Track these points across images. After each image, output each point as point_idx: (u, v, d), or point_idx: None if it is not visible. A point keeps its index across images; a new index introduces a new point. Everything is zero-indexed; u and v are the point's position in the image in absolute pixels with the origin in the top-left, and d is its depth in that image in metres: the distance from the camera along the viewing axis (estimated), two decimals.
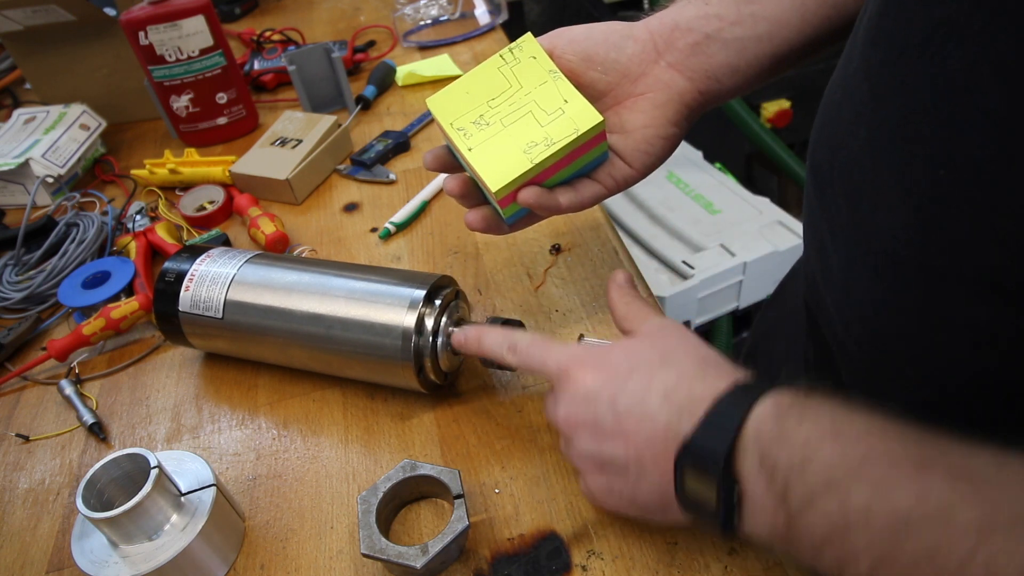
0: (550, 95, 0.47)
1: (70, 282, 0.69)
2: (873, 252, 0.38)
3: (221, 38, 0.90)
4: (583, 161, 0.48)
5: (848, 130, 0.38)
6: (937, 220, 0.33)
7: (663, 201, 1.47)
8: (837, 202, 0.41)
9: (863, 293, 0.40)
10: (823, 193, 0.43)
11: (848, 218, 0.40)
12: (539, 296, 0.63)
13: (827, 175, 0.42)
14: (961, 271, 0.33)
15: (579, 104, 0.47)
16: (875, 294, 0.39)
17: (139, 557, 0.44)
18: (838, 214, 0.41)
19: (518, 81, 0.48)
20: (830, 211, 0.42)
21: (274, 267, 0.57)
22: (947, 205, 0.32)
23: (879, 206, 0.36)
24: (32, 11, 0.88)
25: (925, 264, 0.34)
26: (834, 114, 0.41)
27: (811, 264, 0.48)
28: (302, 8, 1.31)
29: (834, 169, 0.41)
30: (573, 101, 0.47)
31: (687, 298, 1.31)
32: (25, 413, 0.62)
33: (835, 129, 0.40)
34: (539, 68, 0.48)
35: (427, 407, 0.55)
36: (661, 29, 0.49)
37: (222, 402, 0.59)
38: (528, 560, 0.44)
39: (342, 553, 0.47)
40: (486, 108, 0.48)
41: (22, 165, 0.85)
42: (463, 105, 0.48)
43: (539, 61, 0.48)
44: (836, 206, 0.41)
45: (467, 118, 0.48)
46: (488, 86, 0.48)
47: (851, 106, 0.38)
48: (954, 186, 0.31)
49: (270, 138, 0.84)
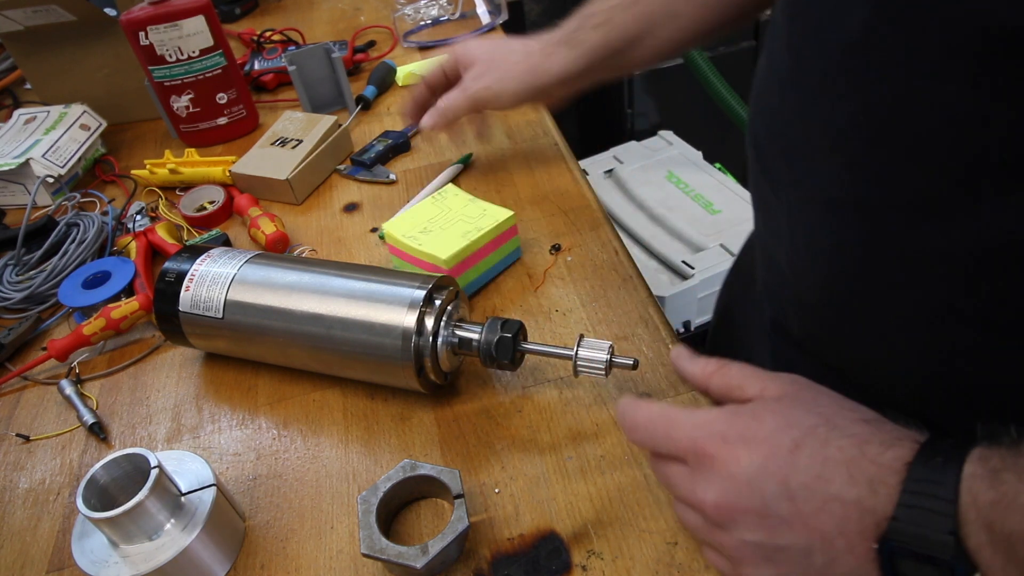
0: (472, 210, 0.65)
1: (70, 282, 0.69)
2: (813, 201, 0.41)
3: (221, 38, 0.90)
4: (501, 253, 0.65)
5: (778, 99, 0.43)
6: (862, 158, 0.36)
7: (663, 201, 1.47)
8: (776, 164, 0.45)
9: (809, 241, 0.43)
10: (763, 158, 0.46)
11: (788, 176, 0.43)
12: (539, 296, 0.63)
13: (764, 142, 0.46)
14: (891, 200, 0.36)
15: (495, 208, 0.65)
16: (820, 240, 0.41)
17: (139, 557, 0.44)
18: (778, 175, 0.45)
19: (448, 207, 0.66)
20: (771, 173, 0.45)
21: (274, 267, 0.57)
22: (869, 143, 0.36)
23: (813, 158, 0.40)
24: (32, 11, 0.88)
25: (859, 200, 0.38)
26: (765, 87, 0.45)
27: (760, 229, 0.52)
28: (302, 8, 1.31)
29: (771, 135, 0.45)
30: (490, 208, 0.65)
31: (687, 298, 1.31)
32: (25, 413, 0.62)
33: (768, 100, 0.45)
34: (461, 198, 0.67)
35: (427, 407, 0.55)
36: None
37: (222, 402, 0.59)
38: (528, 560, 0.44)
39: (342, 553, 0.47)
40: (428, 224, 0.64)
41: (22, 165, 0.85)
42: (411, 225, 0.65)
43: (460, 196, 0.67)
44: (776, 168, 0.45)
45: (415, 230, 0.64)
46: (427, 213, 0.66)
47: (778, 77, 0.43)
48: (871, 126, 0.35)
49: (270, 138, 0.84)
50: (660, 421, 0.38)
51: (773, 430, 0.35)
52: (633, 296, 0.61)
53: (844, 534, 0.32)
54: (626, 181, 1.54)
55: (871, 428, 0.34)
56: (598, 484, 0.48)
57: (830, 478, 0.32)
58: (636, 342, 0.57)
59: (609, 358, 0.49)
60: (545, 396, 0.54)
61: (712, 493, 0.35)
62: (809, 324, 0.48)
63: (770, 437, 0.35)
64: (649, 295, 0.61)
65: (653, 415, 0.39)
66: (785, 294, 0.49)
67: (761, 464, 0.34)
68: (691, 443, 0.36)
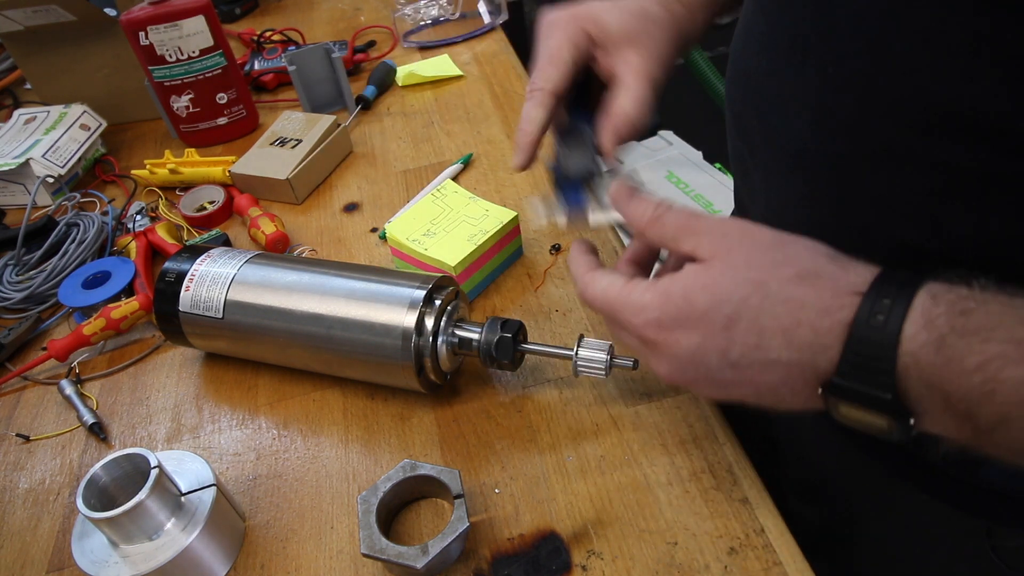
0: (474, 210, 0.65)
1: (70, 282, 0.69)
2: (786, 154, 0.43)
3: (221, 38, 0.90)
4: (505, 254, 0.65)
5: (752, 61, 0.44)
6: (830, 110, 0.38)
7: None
8: (751, 124, 0.46)
9: (783, 194, 0.45)
10: (740, 121, 0.48)
11: (762, 135, 0.45)
12: (539, 296, 0.63)
13: (740, 104, 0.47)
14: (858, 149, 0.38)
15: (497, 209, 0.65)
16: (792, 191, 0.44)
17: (139, 557, 0.44)
18: (753, 134, 0.46)
19: (449, 207, 0.65)
20: (746, 134, 0.47)
21: (274, 267, 0.57)
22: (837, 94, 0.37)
23: (786, 114, 0.42)
24: (32, 11, 0.88)
25: (828, 151, 0.39)
26: (740, 52, 0.46)
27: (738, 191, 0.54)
28: (302, 8, 1.31)
29: (746, 97, 0.46)
30: (492, 209, 0.65)
31: None
32: (25, 413, 0.62)
33: (743, 64, 0.46)
34: (461, 196, 0.66)
35: (427, 407, 0.55)
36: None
37: (222, 402, 0.59)
38: (528, 560, 0.44)
39: (342, 553, 0.47)
40: (430, 225, 0.64)
41: (22, 165, 0.85)
42: (413, 226, 0.64)
43: (459, 193, 0.67)
44: (751, 128, 0.46)
45: (418, 233, 0.63)
46: (428, 213, 0.65)
47: (753, 41, 0.44)
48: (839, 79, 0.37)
49: (270, 138, 0.84)
50: (607, 304, 0.40)
51: (706, 309, 0.36)
52: None
53: (788, 384, 0.35)
54: None
55: (806, 288, 0.34)
56: (598, 484, 0.48)
57: (768, 347, 0.34)
58: None
59: (609, 358, 0.49)
60: (545, 396, 0.54)
61: (663, 368, 0.39)
62: None
63: (704, 317, 0.36)
64: None
65: (600, 295, 0.41)
66: None
67: (699, 344, 0.36)
68: (634, 329, 0.39)
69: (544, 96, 0.47)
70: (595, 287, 0.41)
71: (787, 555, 0.43)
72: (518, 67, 0.99)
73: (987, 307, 0.30)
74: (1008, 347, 0.29)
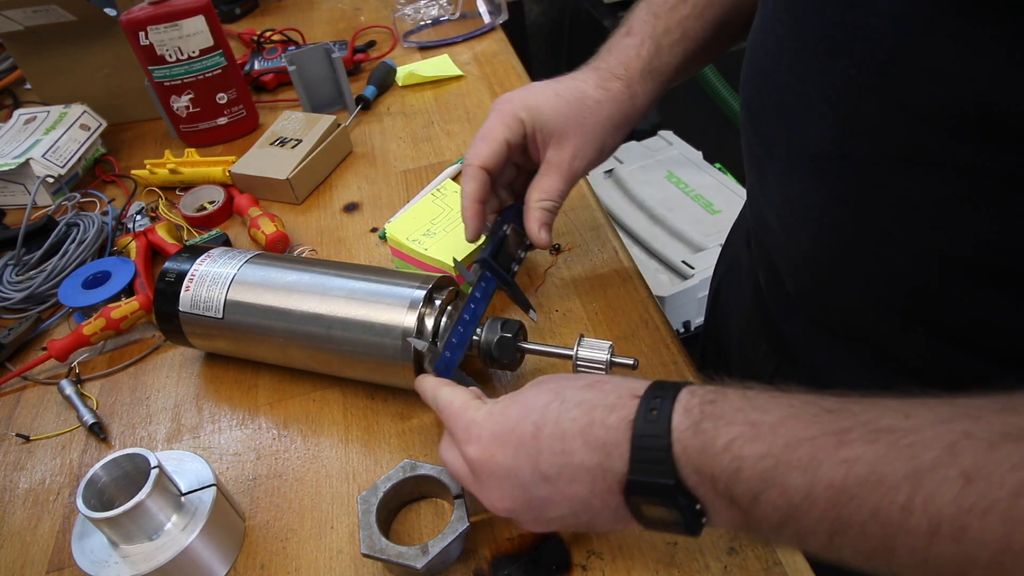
0: None
1: (70, 282, 0.69)
2: (806, 157, 0.42)
3: (221, 38, 0.90)
4: None
5: (772, 61, 0.44)
6: (855, 113, 0.38)
7: (663, 201, 1.47)
8: (770, 125, 0.46)
9: (802, 198, 0.44)
10: (757, 121, 0.48)
11: (782, 136, 0.45)
12: (539, 296, 0.63)
13: (758, 105, 0.47)
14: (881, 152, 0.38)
15: None
16: (812, 195, 0.43)
17: (139, 557, 0.44)
18: (771, 135, 0.46)
19: (449, 207, 0.66)
20: (764, 135, 0.47)
21: (274, 267, 0.57)
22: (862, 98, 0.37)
23: (807, 116, 0.41)
24: (32, 11, 0.88)
25: (850, 155, 0.39)
26: (758, 50, 0.46)
27: (753, 193, 0.53)
28: (302, 8, 1.31)
29: (764, 97, 0.46)
30: None
31: (687, 298, 1.31)
32: (25, 413, 0.62)
33: (761, 63, 0.46)
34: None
35: (427, 407, 0.55)
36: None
37: (222, 402, 0.59)
38: (528, 560, 0.44)
39: (342, 553, 0.47)
40: (430, 225, 0.64)
41: (22, 165, 0.85)
42: (413, 226, 0.64)
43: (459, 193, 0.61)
44: (769, 130, 0.46)
45: (418, 233, 0.64)
46: (428, 213, 0.65)
47: (773, 39, 0.44)
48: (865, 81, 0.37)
49: (270, 138, 0.84)
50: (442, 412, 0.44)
51: (517, 420, 0.39)
52: (633, 296, 0.61)
53: (596, 494, 0.37)
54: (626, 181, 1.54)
55: (594, 392, 0.38)
56: None
57: (571, 451, 0.37)
58: (636, 342, 0.57)
59: (609, 358, 0.49)
60: None
61: (493, 497, 0.40)
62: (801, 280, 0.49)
63: (515, 428, 0.39)
64: (649, 295, 0.61)
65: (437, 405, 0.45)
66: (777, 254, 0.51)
67: (513, 457, 0.38)
68: (460, 446, 0.41)
69: (474, 171, 0.53)
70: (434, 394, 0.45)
71: (787, 555, 0.43)
72: (518, 67, 0.99)
73: (727, 398, 0.34)
74: (745, 428, 0.32)
